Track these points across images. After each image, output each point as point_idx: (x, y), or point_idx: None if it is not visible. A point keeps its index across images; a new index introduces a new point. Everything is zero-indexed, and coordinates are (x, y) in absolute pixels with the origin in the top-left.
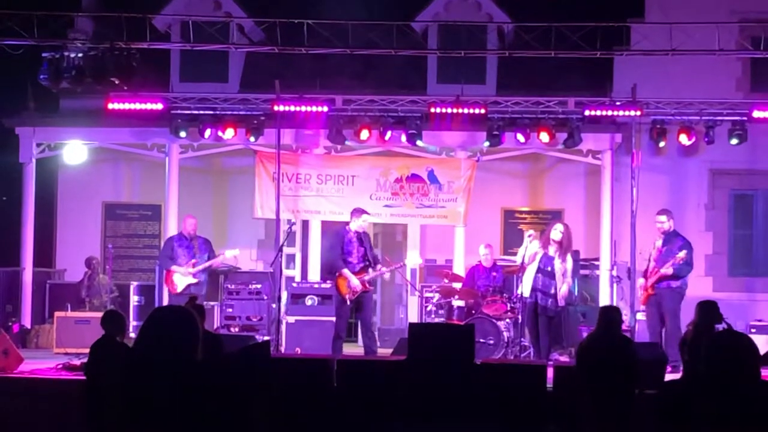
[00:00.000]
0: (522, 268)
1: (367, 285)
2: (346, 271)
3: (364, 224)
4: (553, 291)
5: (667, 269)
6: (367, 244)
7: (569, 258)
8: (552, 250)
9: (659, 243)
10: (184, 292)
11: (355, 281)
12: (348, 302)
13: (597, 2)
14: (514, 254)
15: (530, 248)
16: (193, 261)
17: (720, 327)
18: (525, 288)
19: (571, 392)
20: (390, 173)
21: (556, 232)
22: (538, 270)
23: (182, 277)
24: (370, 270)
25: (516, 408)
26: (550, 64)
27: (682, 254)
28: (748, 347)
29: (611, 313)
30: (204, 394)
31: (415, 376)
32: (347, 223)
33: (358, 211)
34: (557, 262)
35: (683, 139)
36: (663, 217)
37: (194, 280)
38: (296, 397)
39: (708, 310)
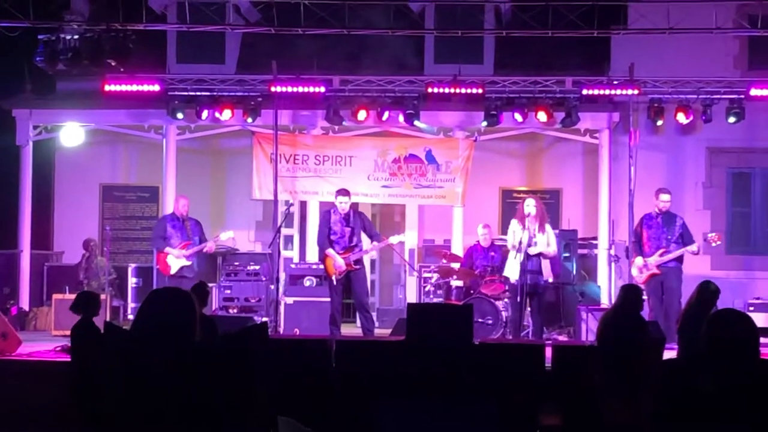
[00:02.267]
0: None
1: (353, 264)
2: (330, 251)
3: (343, 205)
4: (539, 268)
5: (693, 248)
6: (355, 224)
7: (548, 228)
8: (533, 228)
9: (658, 221)
10: (177, 274)
11: (339, 260)
12: (335, 282)
13: None
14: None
15: (522, 234)
16: (187, 243)
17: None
18: (512, 271)
19: (589, 369)
20: (388, 153)
21: (530, 207)
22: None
23: (176, 259)
24: (357, 250)
25: (514, 387)
26: (548, 43)
27: (713, 235)
28: (748, 326)
29: (628, 292)
30: (201, 376)
31: (413, 357)
32: (334, 204)
33: (336, 193)
34: (538, 236)
35: (681, 117)
36: (668, 196)
37: (188, 263)
38: (295, 378)
39: (710, 296)
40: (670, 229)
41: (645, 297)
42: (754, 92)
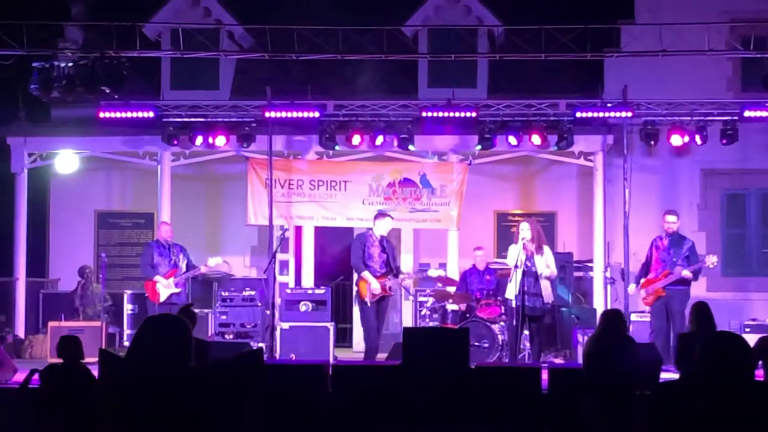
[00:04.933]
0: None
1: (388, 290)
2: (366, 274)
3: (388, 227)
4: (538, 291)
5: (688, 273)
6: (389, 251)
7: (546, 250)
8: (530, 249)
9: (665, 243)
10: (167, 302)
11: (375, 284)
12: (369, 304)
13: (587, 4)
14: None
15: (516, 253)
16: (175, 270)
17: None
18: (510, 291)
19: (576, 393)
20: (382, 178)
21: (525, 231)
22: (524, 272)
23: (165, 288)
24: (391, 277)
25: (511, 411)
26: (541, 66)
27: (713, 258)
28: (742, 348)
29: (608, 317)
30: (197, 402)
31: (410, 381)
32: (370, 228)
33: (381, 214)
34: (536, 259)
35: (675, 139)
36: (674, 218)
37: (177, 290)
38: (291, 403)
39: (708, 315)
40: (677, 251)
41: (648, 318)
42: (747, 114)
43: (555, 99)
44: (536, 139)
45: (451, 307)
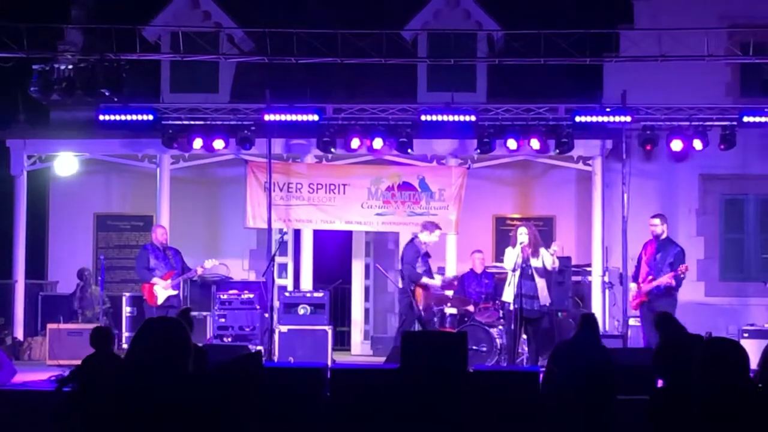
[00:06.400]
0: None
1: None
2: (426, 279)
3: (435, 239)
4: (535, 293)
5: (670, 281)
6: None
7: (542, 251)
8: (527, 251)
9: (653, 247)
10: (164, 304)
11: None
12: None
13: (586, 9)
14: None
15: (514, 257)
16: (172, 272)
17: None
18: (507, 294)
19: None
20: (381, 182)
21: (523, 235)
22: (520, 275)
23: (163, 290)
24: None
25: (509, 415)
26: (540, 71)
27: (682, 267)
28: (740, 355)
29: (583, 320)
30: (195, 405)
31: (408, 385)
32: (416, 236)
33: (434, 225)
34: (533, 262)
35: (673, 144)
36: (657, 221)
37: (174, 292)
38: (289, 406)
39: (674, 321)
40: (662, 256)
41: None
42: (746, 119)
43: (554, 103)
44: (535, 144)
45: (449, 310)
